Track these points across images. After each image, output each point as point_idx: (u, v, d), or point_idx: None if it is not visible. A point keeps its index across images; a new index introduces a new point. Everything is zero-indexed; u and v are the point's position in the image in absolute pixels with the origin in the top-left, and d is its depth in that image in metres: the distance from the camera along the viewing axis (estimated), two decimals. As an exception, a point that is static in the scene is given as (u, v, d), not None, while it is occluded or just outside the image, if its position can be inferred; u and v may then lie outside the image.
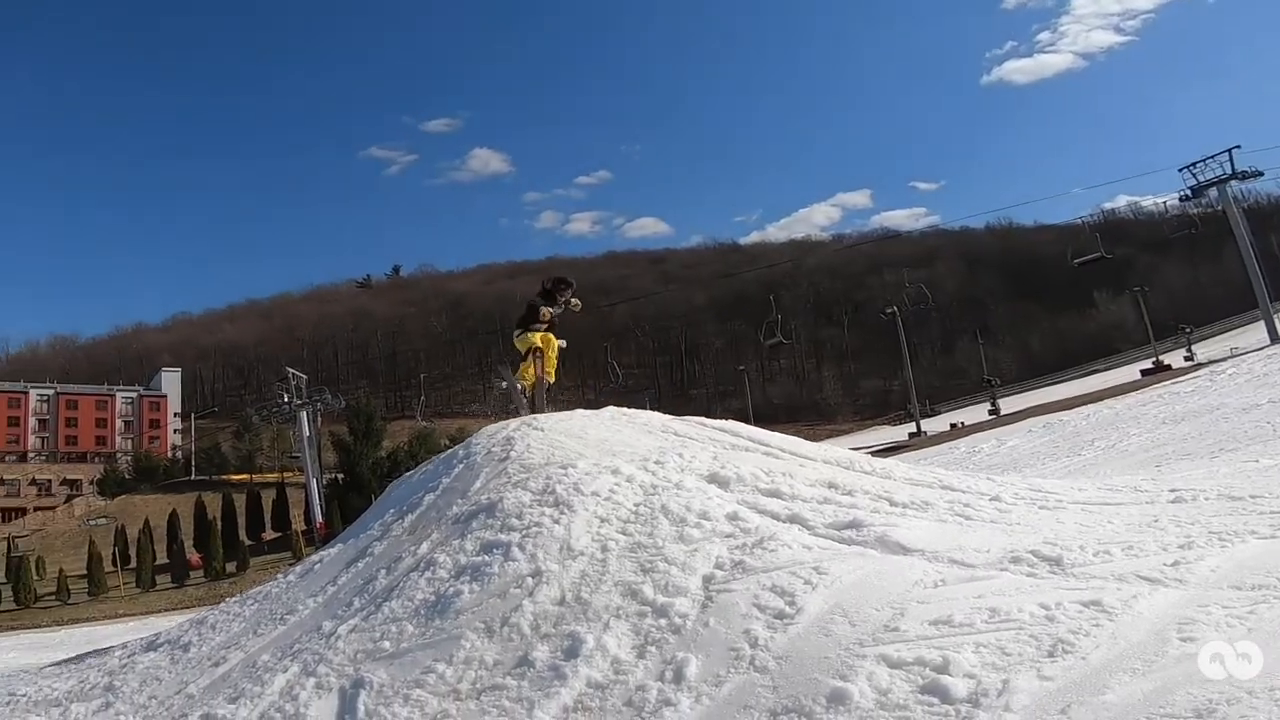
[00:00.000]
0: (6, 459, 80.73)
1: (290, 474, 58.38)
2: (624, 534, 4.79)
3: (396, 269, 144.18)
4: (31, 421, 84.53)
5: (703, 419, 8.06)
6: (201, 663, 5.61)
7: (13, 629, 29.44)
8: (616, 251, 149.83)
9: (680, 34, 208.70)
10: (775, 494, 5.30)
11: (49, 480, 79.44)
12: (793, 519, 4.81)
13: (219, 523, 42.50)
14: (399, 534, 6.02)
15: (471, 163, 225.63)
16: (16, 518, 69.65)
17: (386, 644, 4.33)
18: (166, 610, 26.98)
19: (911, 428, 45.24)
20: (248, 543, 43.56)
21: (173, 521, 42.31)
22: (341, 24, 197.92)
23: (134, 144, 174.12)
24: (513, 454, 6.49)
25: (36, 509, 71.94)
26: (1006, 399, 52.53)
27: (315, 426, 42.45)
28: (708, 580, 4.02)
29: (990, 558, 3.97)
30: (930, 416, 57.14)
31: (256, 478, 61.77)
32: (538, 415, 7.80)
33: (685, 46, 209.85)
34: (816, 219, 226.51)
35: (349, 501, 41.42)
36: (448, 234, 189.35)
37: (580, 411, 8.22)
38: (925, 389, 70.05)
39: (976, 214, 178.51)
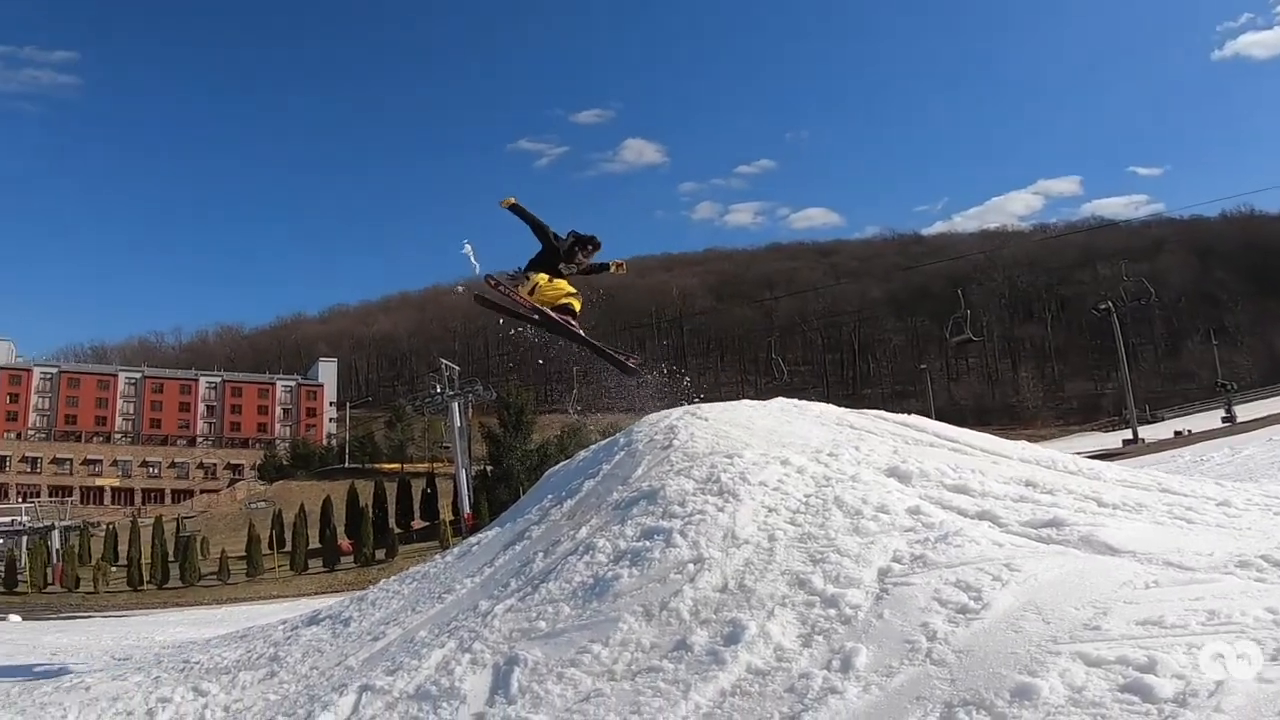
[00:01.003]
0: (178, 443, 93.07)
1: (440, 464, 63.08)
2: (793, 524, 5.06)
3: None
4: (200, 408, 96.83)
5: (883, 413, 8.14)
6: (361, 637, 6.42)
7: (178, 605, 34.23)
8: (781, 243, 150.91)
9: (849, 12, 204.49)
10: (963, 490, 5.35)
11: (214, 464, 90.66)
12: (982, 515, 4.86)
13: (370, 510, 46.80)
14: (557, 519, 6.61)
15: (624, 154, 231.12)
16: (185, 499, 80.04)
17: (542, 624, 4.81)
18: (316, 593, 30.06)
19: (1126, 434, 42.65)
20: (397, 531, 47.52)
21: (326, 508, 47.07)
22: (487, 20, 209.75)
23: (292, 148, 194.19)
24: (676, 442, 6.96)
25: (203, 491, 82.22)
26: (1243, 405, 49.99)
27: (466, 418, 45.72)
28: (883, 573, 4.19)
29: (1213, 561, 3.89)
30: (1151, 423, 52.87)
31: (407, 467, 67.24)
32: (701, 406, 8.14)
33: (857, 27, 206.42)
34: (1013, 207, 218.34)
35: (496, 494, 44.19)
36: (599, 226, 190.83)
37: (746, 402, 8.52)
38: (1145, 393, 66.84)
39: (1209, 201, 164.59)
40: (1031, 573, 3.86)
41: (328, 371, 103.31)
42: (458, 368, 47.85)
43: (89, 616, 27.11)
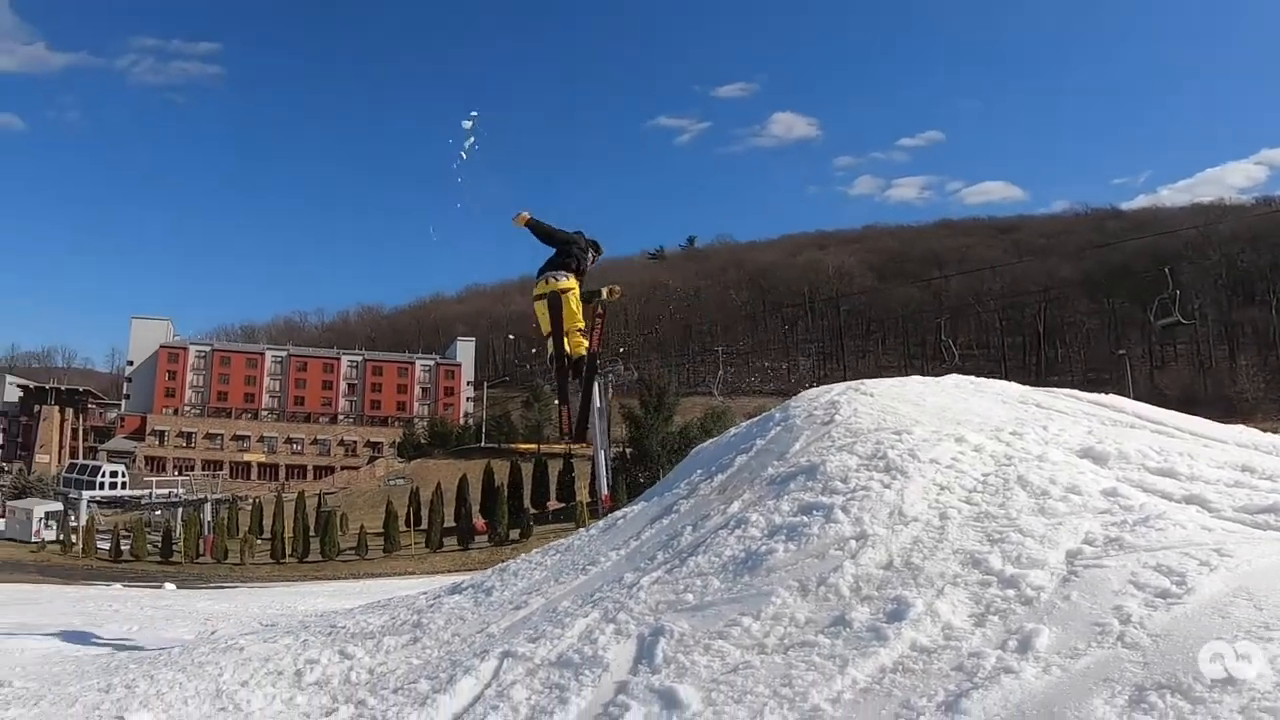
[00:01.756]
0: (320, 420, 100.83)
1: (578, 446, 64.92)
2: (968, 503, 5.08)
3: (691, 240, 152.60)
4: (342, 386, 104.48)
5: (1076, 392, 7.89)
6: (503, 606, 6.85)
7: (317, 578, 37.15)
8: (952, 219, 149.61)
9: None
10: (1169, 473, 5.16)
11: (355, 442, 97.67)
12: (1190, 500, 4.69)
13: (505, 490, 49.04)
14: (707, 493, 6.85)
15: (772, 128, 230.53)
16: (326, 475, 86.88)
17: (690, 596, 5.02)
18: (450, 571, 31.73)
19: (1370, 430, 37.59)
20: (532, 511, 49.62)
21: (462, 486, 49.68)
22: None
23: (430, 131, 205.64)
24: (838, 418, 7.11)
25: (343, 468, 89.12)
26: None
27: (606, 398, 47.02)
28: (1072, 555, 4.13)
29: None
30: None
31: (544, 448, 69.81)
32: (864, 381, 8.27)
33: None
34: (1232, 179, 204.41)
35: (635, 476, 45.22)
36: (747, 203, 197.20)
37: (915, 378, 8.52)
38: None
39: None
40: (1245, 558, 3.71)
41: (465, 351, 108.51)
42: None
43: (235, 587, 29.87)
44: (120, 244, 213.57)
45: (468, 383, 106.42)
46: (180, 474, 71.55)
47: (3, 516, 57.23)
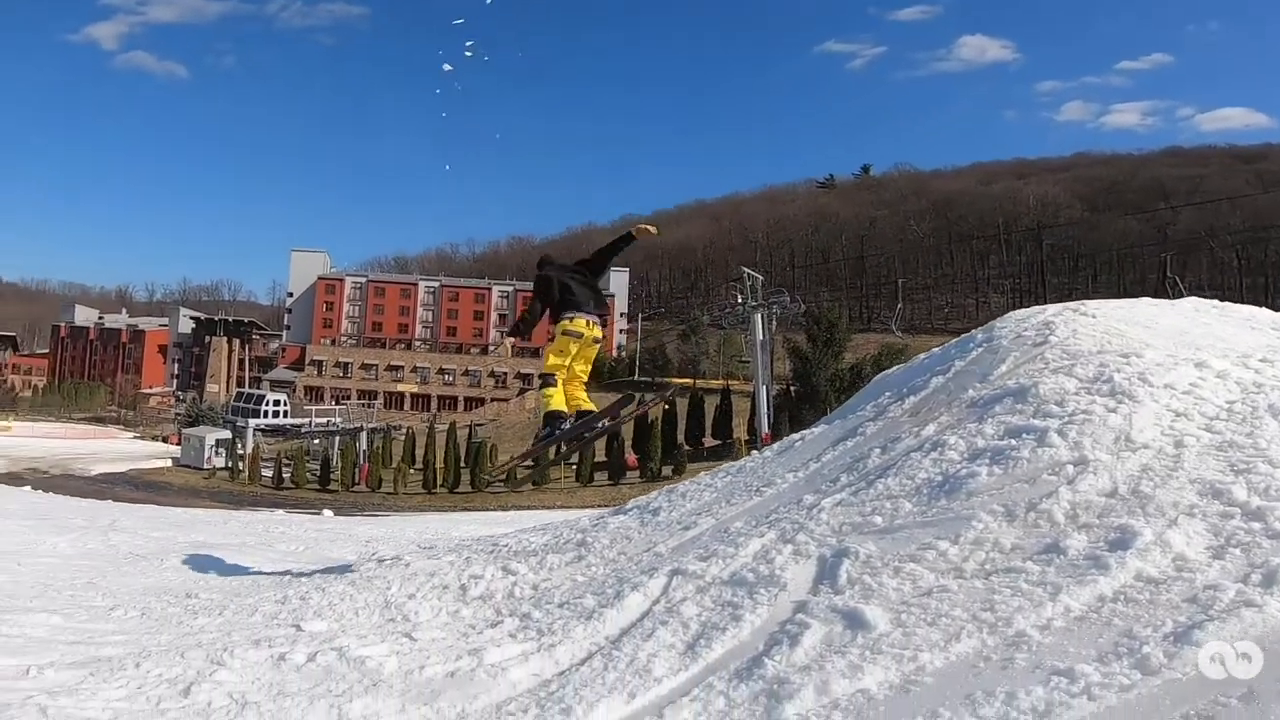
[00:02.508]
0: (471, 351, 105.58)
1: (736, 382, 65.45)
2: (1208, 431, 4.96)
3: (866, 168, 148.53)
4: (493, 316, 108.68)
5: (1348, 319, 7.39)
6: (671, 526, 7.13)
7: (467, 509, 39.26)
8: (1182, 147, 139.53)
9: None
10: None
11: (505, 373, 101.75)
12: None
13: (659, 425, 49.97)
14: (897, 415, 6.96)
15: (961, 51, 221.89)
16: (477, 407, 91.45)
17: (878, 519, 5.11)
18: (599, 505, 32.72)
19: None
20: (686, 448, 50.39)
21: (614, 420, 51.01)
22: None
23: (588, 64, 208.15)
24: (1053, 339, 7.08)
25: (493, 400, 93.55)
26: None
27: (769, 331, 46.94)
28: (1329, 490, 3.93)
29: None
30: None
31: (700, 383, 70.61)
32: (1085, 302, 8.15)
33: None
34: None
35: (799, 414, 44.98)
36: (930, 130, 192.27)
37: (1146, 300, 8.43)
38: None
39: None
40: None
41: (618, 282, 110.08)
42: (761, 277, 49.09)
43: (388, 514, 32.08)
44: (278, 180, 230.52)
45: (620, 314, 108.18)
46: (337, 403, 76.92)
47: (179, 443, 63.79)
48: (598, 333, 7.63)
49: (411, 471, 51.83)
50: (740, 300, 47.61)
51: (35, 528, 16.51)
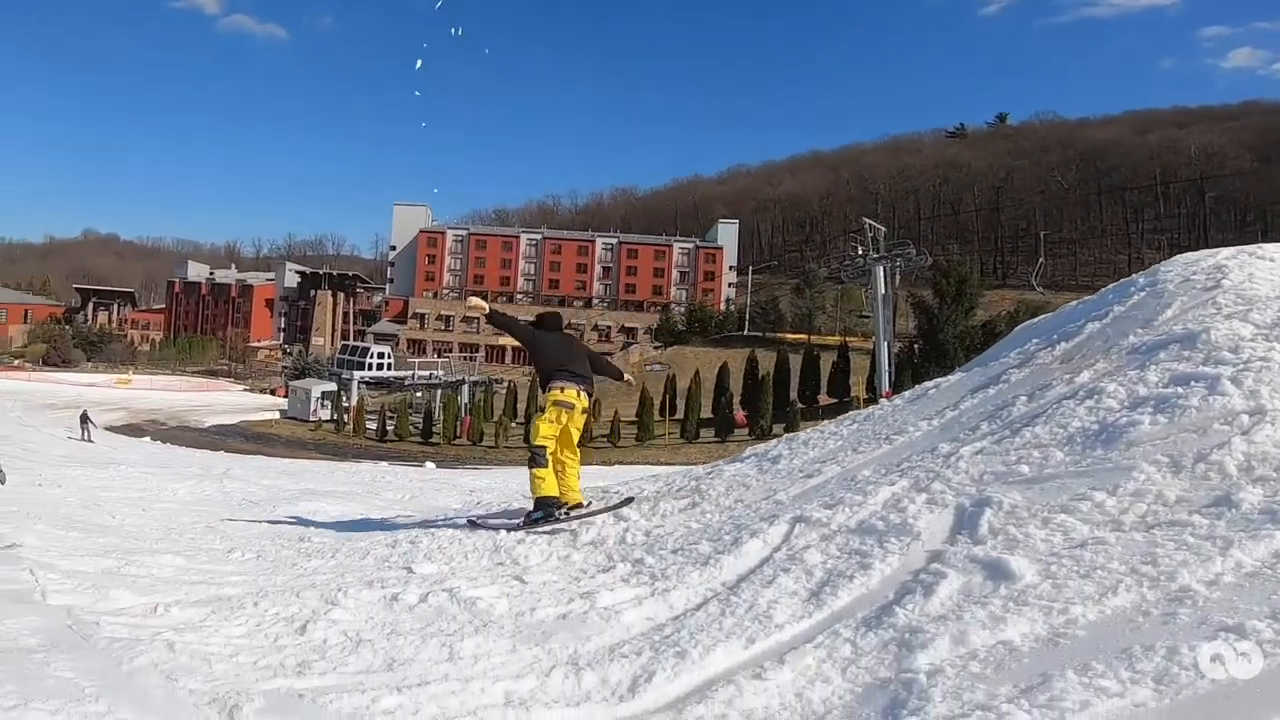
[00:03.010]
0: (575, 304, 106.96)
1: (854, 339, 64.54)
2: None
3: (1002, 117, 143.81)
4: (597, 269, 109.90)
5: None
6: (792, 474, 7.14)
7: None
8: None
9: None
10: None
11: (609, 326, 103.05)
12: None
13: (770, 381, 49.67)
14: (1047, 362, 6.89)
15: None
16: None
17: (1024, 468, 5.06)
18: (706, 463, 32.91)
19: None
20: (800, 406, 49.92)
21: (722, 376, 50.91)
22: None
23: (706, 7, 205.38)
24: (1226, 283, 6.98)
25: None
26: None
27: (892, 285, 46.11)
28: None
29: None
30: None
31: (814, 338, 69.93)
32: (1262, 245, 7.96)
33: None
34: None
35: (923, 372, 43.99)
36: (1075, 78, 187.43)
37: None
38: None
39: None
40: None
41: (727, 234, 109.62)
42: (883, 229, 48.18)
43: (489, 468, 32.94)
44: (380, 136, 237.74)
45: (730, 267, 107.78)
46: (439, 356, 79.08)
47: (286, 396, 66.84)
48: (586, 403, 7.74)
49: (513, 425, 52.95)
50: (861, 252, 46.86)
51: (157, 475, 17.83)
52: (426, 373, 65.36)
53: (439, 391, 60.55)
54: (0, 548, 8.27)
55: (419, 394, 62.44)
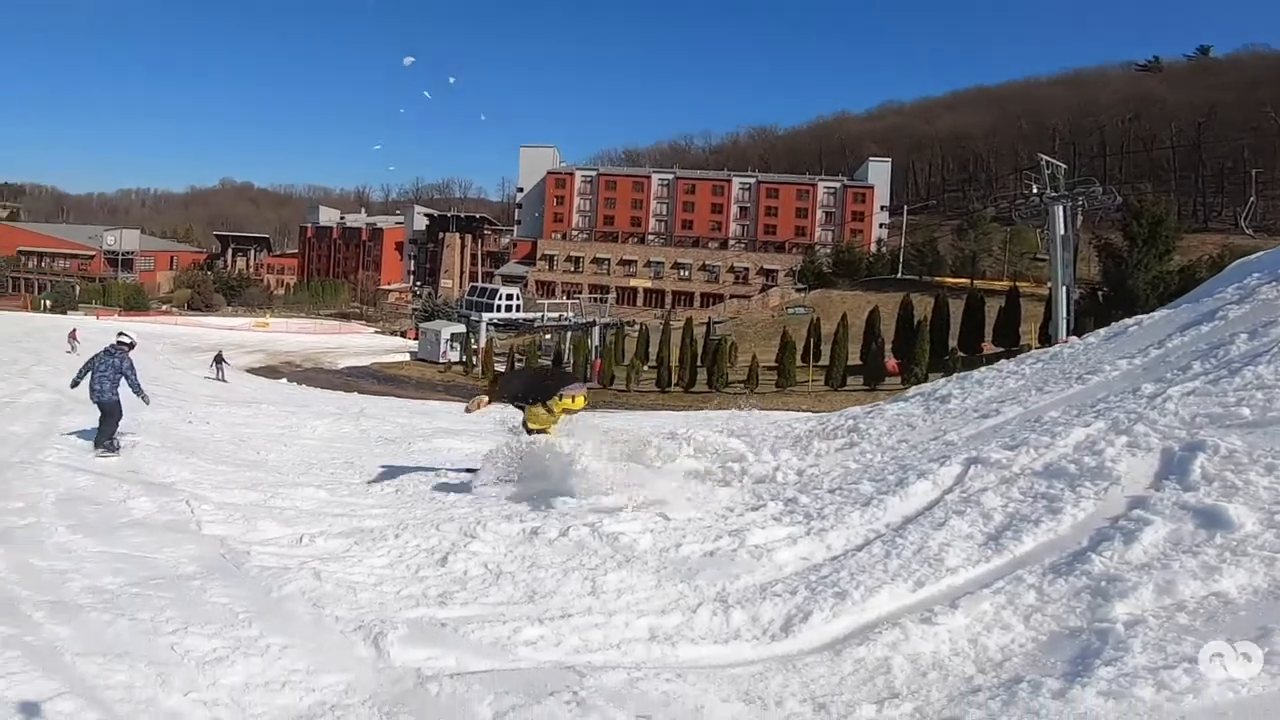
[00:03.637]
0: (709, 245, 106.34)
1: (1025, 283, 61.79)
2: None
3: (1204, 49, 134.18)
4: (733, 209, 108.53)
5: None
6: (964, 414, 6.96)
7: (702, 407, 39.72)
8: None
9: None
10: None
11: (746, 269, 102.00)
12: None
13: (927, 327, 48.18)
14: (1271, 298, 6.66)
15: None
16: (715, 303, 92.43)
17: (1245, 411, 4.87)
18: (852, 412, 32.27)
19: None
20: (960, 354, 48.14)
21: (872, 320, 49.59)
22: None
23: None
24: None
25: (733, 296, 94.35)
26: None
27: (1073, 226, 44.11)
28: None
29: None
30: None
31: (979, 283, 67.37)
32: None
33: None
34: None
35: (1109, 321, 41.85)
36: None
37: None
38: None
39: None
40: None
41: (878, 172, 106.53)
42: (1064, 166, 46.02)
43: (619, 411, 33.17)
44: (504, 76, 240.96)
45: (881, 207, 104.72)
46: (568, 298, 80.00)
47: (416, 338, 69.10)
48: (584, 403, 9.70)
49: (645, 369, 53.25)
50: (1036, 191, 44.82)
51: (297, 414, 18.93)
52: (556, 314, 66.28)
53: (569, 334, 61.36)
54: (159, 483, 9.23)
55: (548, 336, 63.34)
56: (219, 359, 41.47)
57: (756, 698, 3.74)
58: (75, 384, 12.15)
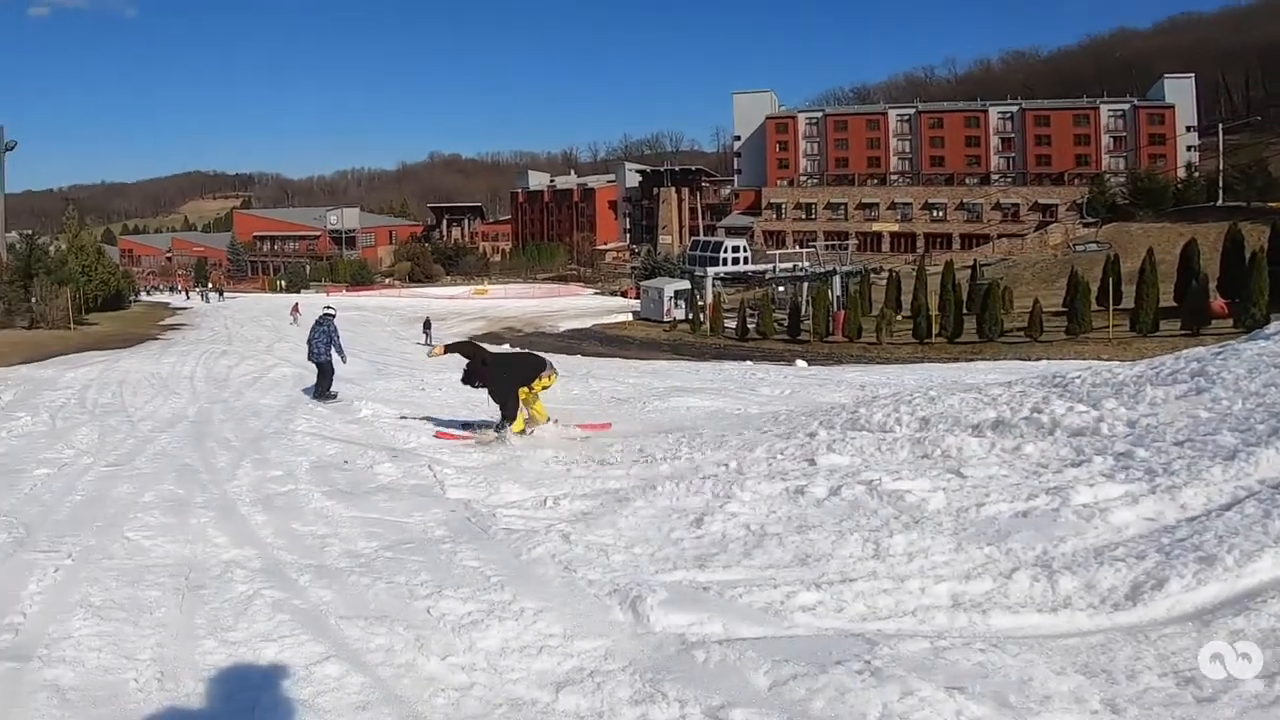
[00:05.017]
0: (966, 182, 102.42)
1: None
2: None
3: None
4: (993, 141, 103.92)
5: None
6: None
7: (971, 358, 37.89)
8: None
9: None
10: None
11: (1015, 205, 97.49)
12: None
13: (1263, 261, 43.72)
14: None
15: None
16: (978, 244, 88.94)
17: None
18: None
19: None
20: (1314, 291, 43.59)
21: (1188, 256, 45.45)
22: None
23: None
24: None
25: (1000, 235, 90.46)
26: None
27: None
28: None
29: None
30: None
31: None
32: None
33: None
34: None
35: None
36: None
37: None
38: None
39: None
40: None
41: (1178, 90, 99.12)
42: None
43: (870, 366, 32.29)
44: (710, 24, 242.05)
45: (1186, 128, 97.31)
46: (802, 247, 78.85)
47: (637, 297, 70.29)
48: (553, 382, 12.03)
49: (899, 319, 51.69)
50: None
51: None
52: (789, 265, 65.22)
53: (805, 284, 60.44)
54: (402, 448, 10.28)
55: (781, 288, 62.71)
56: (427, 325, 46.29)
57: (1101, 670, 3.50)
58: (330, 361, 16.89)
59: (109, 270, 66.91)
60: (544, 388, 11.59)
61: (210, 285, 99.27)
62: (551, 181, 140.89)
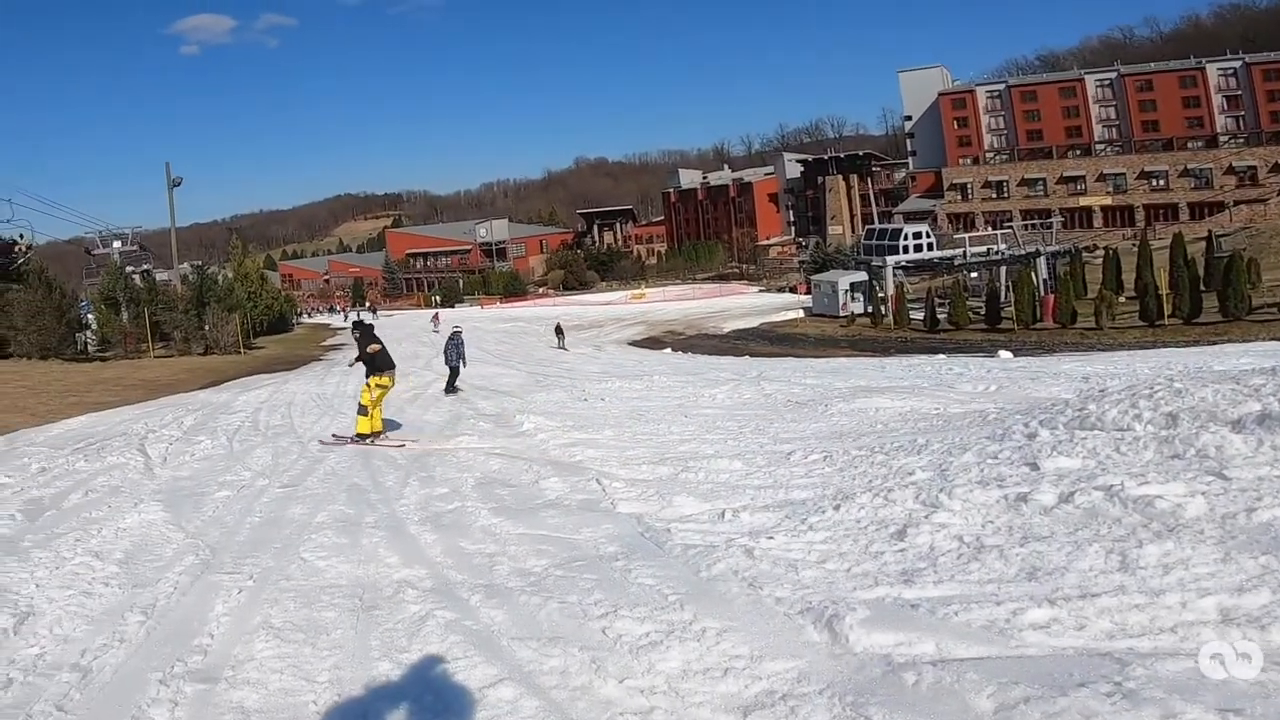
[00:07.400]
0: (1189, 146, 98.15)
1: None
2: None
3: None
4: (1215, 100, 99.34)
5: None
6: None
7: (1214, 340, 35.79)
8: None
9: None
10: None
11: (1253, 167, 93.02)
12: None
13: None
14: None
15: None
16: (1211, 213, 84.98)
17: None
18: None
19: None
20: None
21: None
22: None
23: None
24: None
25: (1237, 202, 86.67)
26: None
27: None
28: None
29: None
30: None
31: None
32: None
33: None
34: None
35: None
36: None
37: None
38: None
39: None
40: None
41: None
42: None
43: (1090, 354, 30.92)
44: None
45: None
46: (995, 229, 76.67)
47: (808, 292, 69.86)
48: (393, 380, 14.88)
49: (1122, 301, 49.72)
50: None
51: (690, 383, 20.07)
52: (981, 248, 63.67)
53: (1003, 269, 58.90)
54: (567, 462, 10.50)
55: (974, 274, 61.40)
56: (559, 329, 51.17)
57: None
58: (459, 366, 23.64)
59: (272, 295, 72.78)
60: (380, 386, 14.27)
61: (367, 304, 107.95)
62: (705, 178, 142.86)
